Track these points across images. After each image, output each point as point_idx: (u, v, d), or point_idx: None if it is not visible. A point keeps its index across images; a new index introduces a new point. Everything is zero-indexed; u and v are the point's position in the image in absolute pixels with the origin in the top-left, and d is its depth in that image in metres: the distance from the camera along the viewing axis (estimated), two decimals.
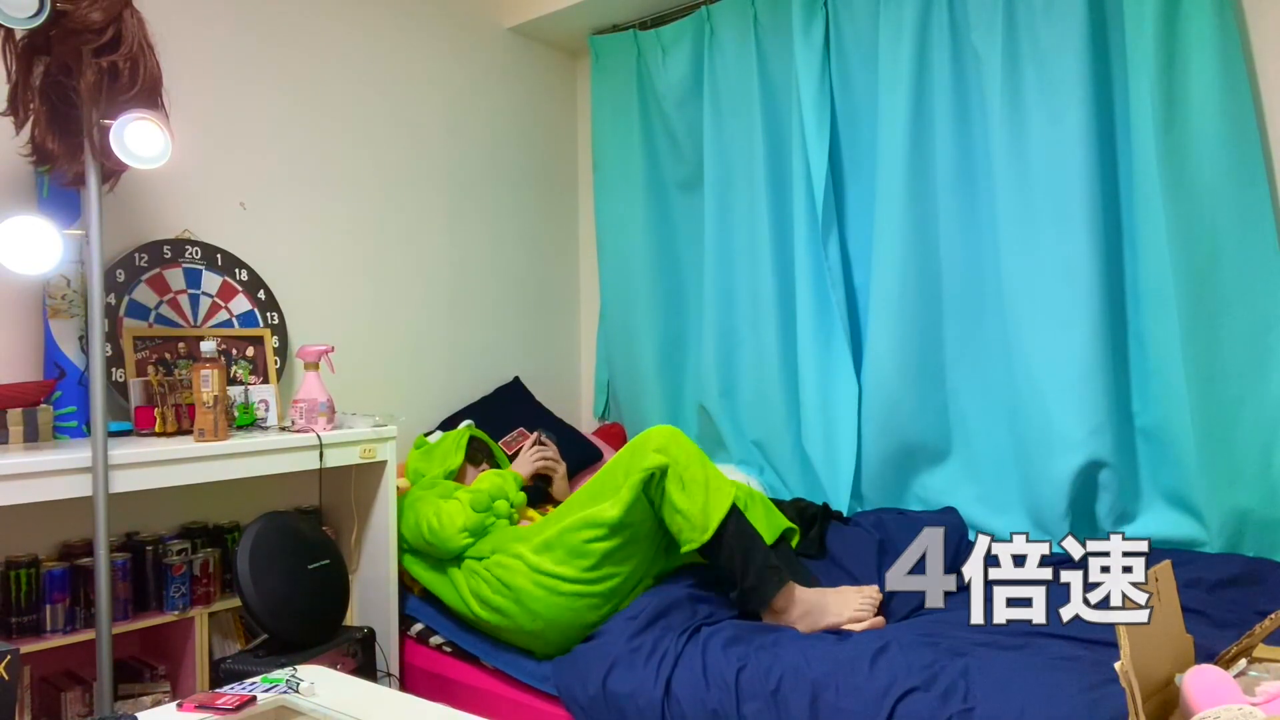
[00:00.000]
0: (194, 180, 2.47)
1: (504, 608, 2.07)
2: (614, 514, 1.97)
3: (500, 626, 2.10)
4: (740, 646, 1.78)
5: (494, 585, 2.09)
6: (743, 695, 1.67)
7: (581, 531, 2.00)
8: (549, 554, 2.03)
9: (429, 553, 2.29)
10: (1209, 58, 2.12)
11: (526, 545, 2.08)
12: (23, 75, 1.89)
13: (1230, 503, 2.15)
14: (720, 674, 1.72)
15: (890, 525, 2.35)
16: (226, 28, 2.55)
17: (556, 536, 2.04)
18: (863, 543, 2.26)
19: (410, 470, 2.59)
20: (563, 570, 2.00)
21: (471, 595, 2.15)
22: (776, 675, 1.65)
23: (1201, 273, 2.15)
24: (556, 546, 2.03)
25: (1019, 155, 2.38)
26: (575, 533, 2.01)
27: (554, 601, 2.00)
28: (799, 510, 2.42)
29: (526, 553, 2.06)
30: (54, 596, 1.97)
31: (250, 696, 1.40)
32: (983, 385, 2.54)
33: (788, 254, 2.89)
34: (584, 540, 1.99)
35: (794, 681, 1.61)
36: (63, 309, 2.15)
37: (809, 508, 2.44)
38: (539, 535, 2.08)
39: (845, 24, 2.74)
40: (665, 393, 3.25)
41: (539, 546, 2.06)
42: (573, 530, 2.02)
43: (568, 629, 2.02)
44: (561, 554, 2.02)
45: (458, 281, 3.17)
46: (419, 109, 3.06)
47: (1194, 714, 1.14)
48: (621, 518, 1.97)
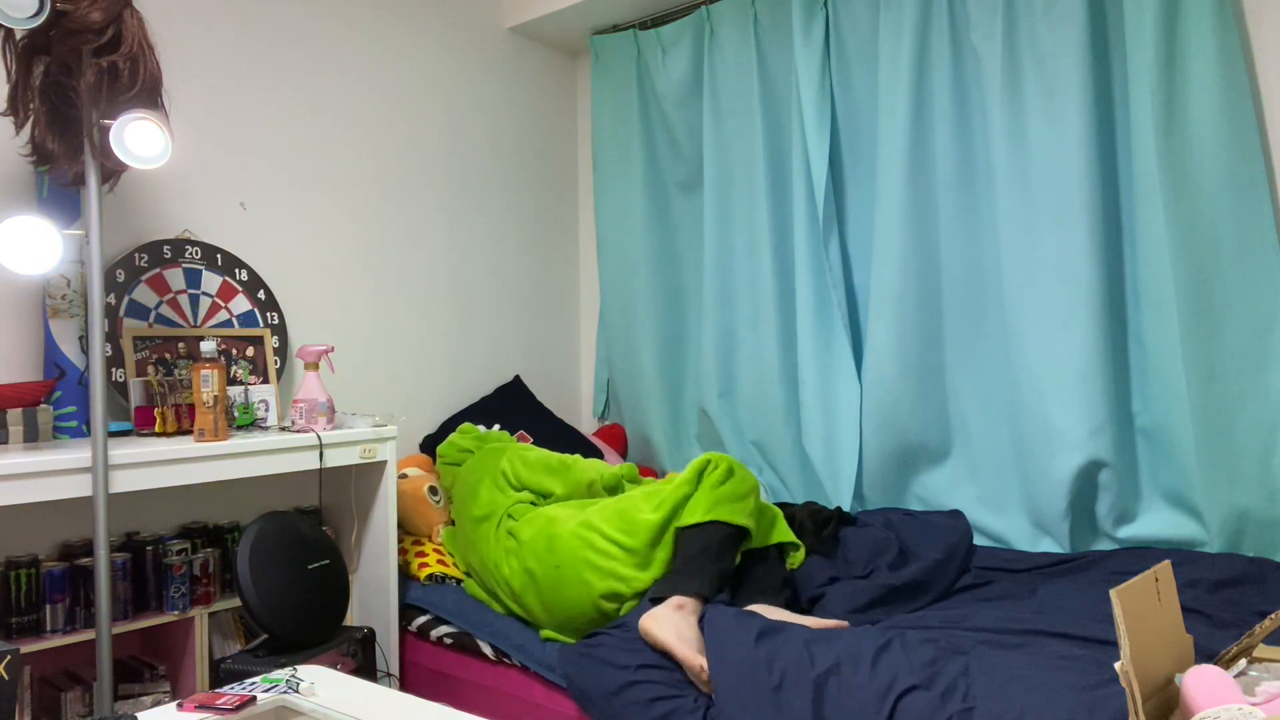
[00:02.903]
0: (194, 180, 2.47)
1: (530, 540, 2.10)
2: (680, 493, 1.99)
3: (512, 563, 2.13)
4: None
5: (534, 523, 2.13)
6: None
7: (639, 501, 2.04)
8: (600, 509, 2.08)
9: (535, 486, 2.35)
10: (1209, 58, 2.12)
11: (584, 505, 2.15)
12: (23, 75, 1.89)
13: (1230, 503, 2.15)
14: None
15: (900, 526, 2.34)
16: (226, 28, 2.55)
17: (615, 502, 2.09)
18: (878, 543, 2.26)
19: (453, 448, 2.64)
20: (606, 529, 2.03)
21: (506, 535, 2.18)
22: (779, 671, 1.64)
23: (1201, 273, 2.15)
24: (610, 506, 2.07)
25: (1019, 155, 2.38)
26: (633, 500, 2.05)
27: (582, 555, 2.01)
28: (811, 514, 2.41)
29: (580, 509, 2.12)
30: (54, 596, 1.97)
31: (250, 696, 1.40)
32: (983, 385, 2.54)
33: (788, 254, 2.90)
34: (638, 510, 2.02)
35: (796, 679, 1.61)
36: (63, 309, 2.15)
37: (821, 511, 2.43)
38: (600, 505, 2.13)
39: (845, 24, 2.74)
40: (665, 393, 3.25)
41: (596, 506, 2.11)
42: (631, 499, 2.06)
43: (576, 593, 2.00)
44: (612, 512, 2.05)
45: (458, 281, 3.18)
46: (419, 109, 3.06)
47: (1194, 714, 1.14)
48: (674, 491, 1.99)
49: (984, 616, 1.83)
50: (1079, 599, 1.89)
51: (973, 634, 1.72)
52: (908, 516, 2.38)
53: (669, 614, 1.80)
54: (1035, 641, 1.67)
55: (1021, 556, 2.31)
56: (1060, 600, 1.91)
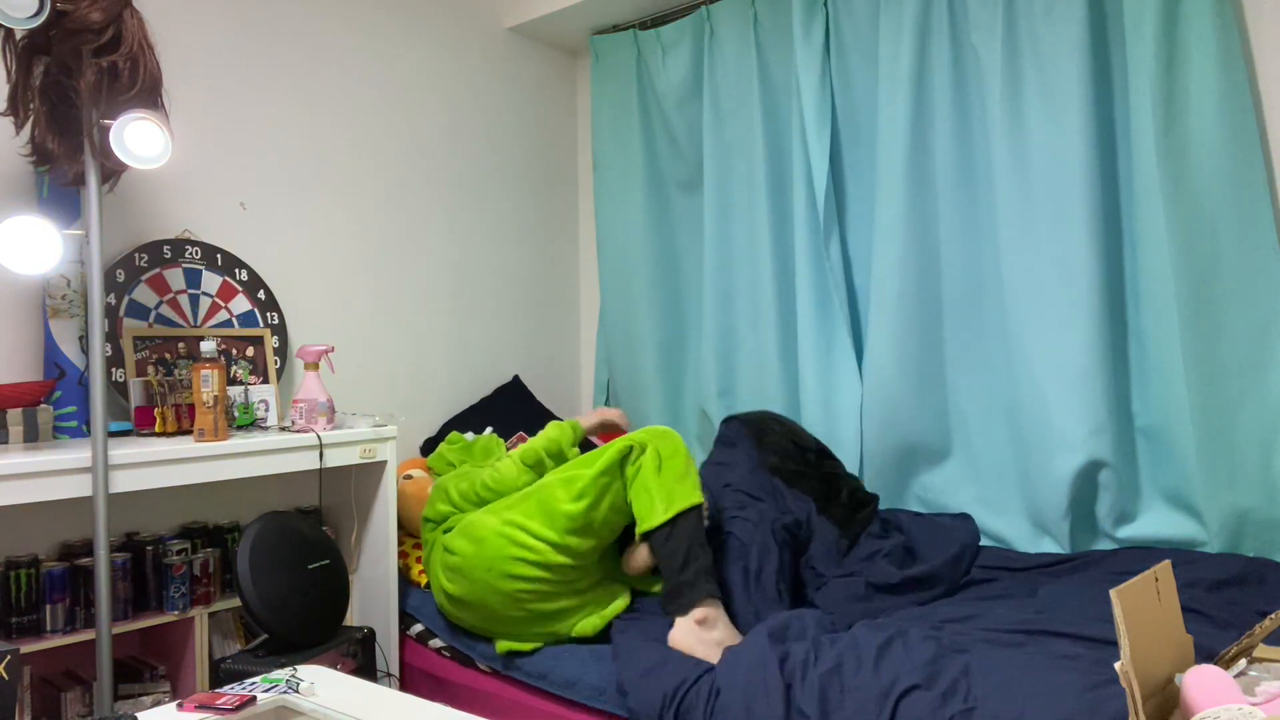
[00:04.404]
0: (194, 180, 2.47)
1: (461, 551, 2.05)
2: (599, 483, 1.97)
3: (454, 579, 2.08)
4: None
5: (465, 533, 2.08)
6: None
7: (556, 490, 2.00)
8: (521, 505, 2.04)
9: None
10: (1209, 58, 2.12)
11: (506, 503, 2.10)
12: (23, 75, 1.89)
13: (1230, 503, 2.15)
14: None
15: (910, 526, 2.34)
16: (226, 28, 2.55)
17: (534, 492, 2.05)
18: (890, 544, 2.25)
19: (439, 460, 2.62)
20: (530, 524, 2.00)
21: (442, 551, 2.14)
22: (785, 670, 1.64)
23: (1201, 273, 2.15)
24: (531, 498, 2.04)
25: (1019, 155, 2.38)
26: (551, 490, 2.02)
27: (509, 551, 1.99)
28: (852, 490, 2.37)
29: (502, 508, 2.08)
30: (54, 596, 1.97)
31: (250, 696, 1.40)
32: (983, 385, 2.54)
33: (788, 254, 2.90)
34: (557, 501, 1.99)
35: (800, 676, 1.61)
36: (63, 309, 2.15)
37: (860, 491, 2.40)
38: (520, 497, 2.10)
39: (845, 24, 2.74)
40: (665, 392, 3.25)
41: (515, 500, 2.07)
42: (548, 488, 2.03)
43: (508, 587, 1.99)
44: (533, 505, 2.02)
45: (458, 281, 3.18)
46: (419, 109, 3.06)
47: (1194, 714, 1.14)
48: (593, 481, 1.97)
49: (986, 614, 1.83)
50: (1079, 599, 1.89)
51: (974, 632, 1.72)
52: (916, 517, 2.38)
53: (692, 628, 1.85)
54: (1036, 640, 1.66)
55: (1022, 556, 2.31)
56: (1061, 599, 1.91)
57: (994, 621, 1.78)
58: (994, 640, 1.68)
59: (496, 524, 2.04)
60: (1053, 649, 1.61)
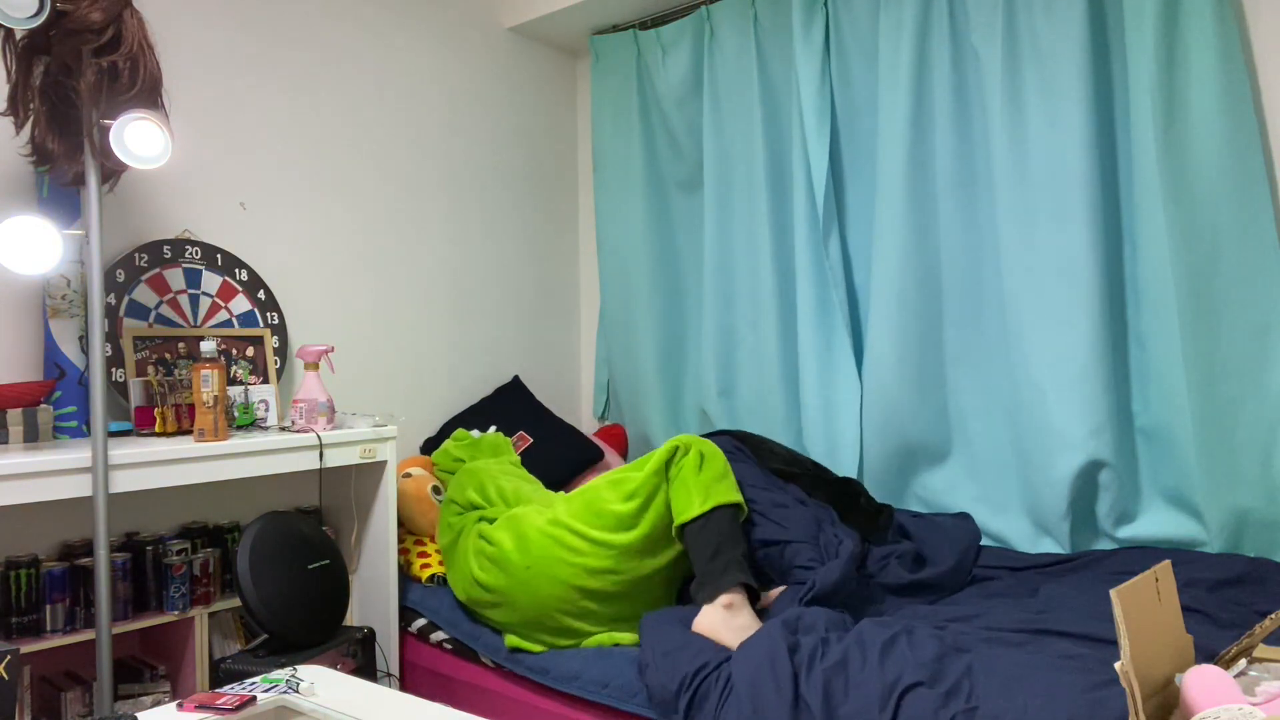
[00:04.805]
0: (194, 180, 2.47)
1: (501, 543, 2.08)
2: (650, 484, 1.98)
3: (489, 569, 2.10)
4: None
5: (506, 525, 2.11)
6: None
7: (604, 492, 2.03)
8: (567, 504, 2.07)
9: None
10: (1209, 58, 2.12)
11: (546, 500, 2.15)
12: (23, 75, 1.89)
13: (1230, 503, 2.15)
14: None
15: (912, 527, 2.34)
16: (226, 28, 2.55)
17: (579, 494, 2.08)
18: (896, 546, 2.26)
19: (445, 456, 2.63)
20: (575, 523, 2.02)
21: (478, 539, 2.16)
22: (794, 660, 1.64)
23: (1201, 273, 2.15)
24: (576, 500, 2.07)
25: (1019, 155, 2.38)
26: (598, 492, 2.04)
27: (552, 553, 2.01)
28: (865, 500, 2.38)
29: (549, 506, 2.12)
30: (54, 596, 1.97)
31: (250, 696, 1.40)
32: (983, 385, 2.54)
33: (788, 253, 2.90)
34: (606, 502, 2.01)
35: (806, 668, 1.61)
36: (63, 309, 2.15)
37: (870, 498, 2.39)
38: (565, 499, 2.13)
39: (845, 24, 2.74)
40: (665, 393, 3.25)
41: (563, 500, 2.11)
42: (595, 489, 2.05)
43: (548, 592, 2.00)
44: (579, 506, 2.05)
45: (458, 281, 3.18)
46: (419, 109, 3.06)
47: (1194, 714, 1.14)
48: (645, 481, 1.99)
49: (988, 614, 1.83)
50: (1080, 598, 1.89)
51: (977, 631, 1.72)
52: (918, 518, 2.38)
53: (718, 613, 1.86)
54: (1038, 640, 1.67)
55: (1022, 556, 2.31)
56: (1061, 599, 1.91)
57: (996, 621, 1.78)
58: (996, 640, 1.68)
59: (542, 523, 2.07)
60: (1054, 649, 1.61)
